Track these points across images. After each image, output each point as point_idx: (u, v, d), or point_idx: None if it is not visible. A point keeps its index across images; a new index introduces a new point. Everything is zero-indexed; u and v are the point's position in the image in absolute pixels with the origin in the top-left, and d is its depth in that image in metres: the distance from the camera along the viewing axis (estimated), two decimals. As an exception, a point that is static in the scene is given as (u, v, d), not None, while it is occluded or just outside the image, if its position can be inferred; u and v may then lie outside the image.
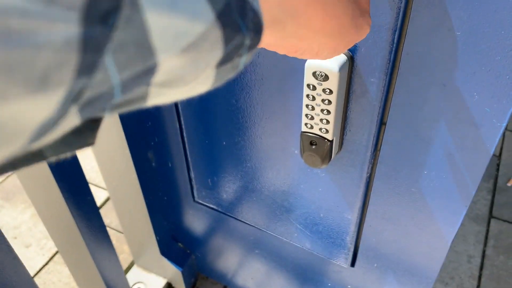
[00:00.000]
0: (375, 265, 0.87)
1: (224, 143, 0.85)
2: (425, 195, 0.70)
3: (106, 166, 1.01)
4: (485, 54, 0.51)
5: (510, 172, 1.70)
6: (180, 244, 1.23)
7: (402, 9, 0.53)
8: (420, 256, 0.79)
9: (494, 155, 1.81)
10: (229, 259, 1.16)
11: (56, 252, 1.42)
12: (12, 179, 1.68)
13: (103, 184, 1.64)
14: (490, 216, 1.53)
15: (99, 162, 1.01)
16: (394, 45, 0.56)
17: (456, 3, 0.49)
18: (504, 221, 1.51)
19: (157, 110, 0.89)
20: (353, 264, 0.90)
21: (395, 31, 0.55)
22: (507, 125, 2.01)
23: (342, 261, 0.90)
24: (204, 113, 0.82)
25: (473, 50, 0.52)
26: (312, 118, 0.64)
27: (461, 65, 0.54)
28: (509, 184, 1.65)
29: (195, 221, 1.11)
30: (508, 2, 0.47)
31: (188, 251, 1.24)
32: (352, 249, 0.87)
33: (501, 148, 1.83)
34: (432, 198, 0.69)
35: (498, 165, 1.74)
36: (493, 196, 1.61)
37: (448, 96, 0.57)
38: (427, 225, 0.73)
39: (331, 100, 0.61)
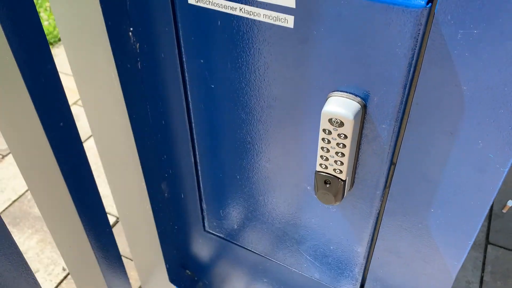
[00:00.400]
0: (382, 295, 0.90)
1: (238, 177, 0.89)
2: (431, 231, 0.74)
3: (120, 195, 1.04)
4: (490, 107, 0.56)
5: (504, 199, 1.75)
6: (188, 271, 1.26)
7: (413, 65, 0.58)
8: None
9: (489, 181, 1.86)
10: (236, 287, 1.19)
11: (64, 278, 1.44)
12: (19, 204, 1.70)
13: (109, 209, 1.67)
14: (487, 242, 1.58)
15: (113, 190, 1.04)
16: (405, 96, 0.61)
17: (464, 63, 0.54)
18: (500, 247, 1.56)
19: (173, 144, 0.93)
20: (360, 293, 0.94)
21: (406, 84, 0.60)
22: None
23: (349, 291, 0.93)
24: (220, 149, 0.86)
25: (478, 103, 0.57)
26: (326, 159, 0.69)
27: (467, 116, 0.58)
28: (504, 211, 1.70)
29: (205, 250, 1.14)
30: (510, 64, 0.52)
31: (196, 278, 1.26)
32: (359, 280, 0.90)
33: (496, 175, 1.88)
34: (438, 234, 0.74)
35: (493, 191, 1.79)
36: (489, 223, 1.65)
37: (454, 143, 0.62)
38: (433, 259, 0.77)
39: (346, 144, 0.65)
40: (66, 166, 0.73)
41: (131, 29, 0.76)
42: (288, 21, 0.61)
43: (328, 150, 0.67)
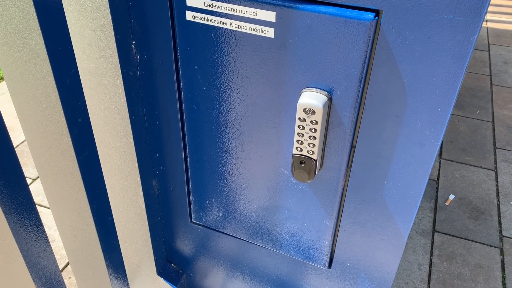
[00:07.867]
0: (348, 264, 1.07)
1: (225, 168, 1.04)
2: (386, 200, 0.92)
3: (115, 191, 1.16)
4: (424, 94, 0.75)
5: (446, 193, 1.98)
6: (173, 265, 1.37)
7: (366, 64, 0.76)
8: (383, 252, 1.00)
9: (433, 179, 2.10)
10: (219, 274, 1.32)
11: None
12: None
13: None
14: (434, 230, 1.80)
15: (109, 187, 1.15)
16: (361, 89, 0.79)
17: (403, 61, 0.73)
18: (445, 234, 1.78)
19: (165, 143, 1.06)
20: (330, 265, 1.10)
21: (361, 79, 0.78)
22: (442, 154, 2.32)
23: (321, 264, 1.09)
24: (209, 144, 1.01)
25: (416, 91, 0.75)
26: (301, 143, 0.85)
27: (408, 102, 0.77)
28: (447, 204, 1.93)
29: (190, 242, 1.27)
30: (440, 59, 0.71)
31: (181, 271, 1.38)
32: (329, 252, 1.06)
33: (438, 174, 2.12)
34: (391, 202, 0.91)
35: (437, 188, 2.03)
36: (435, 214, 1.88)
37: (399, 124, 0.80)
38: (388, 225, 0.95)
39: (317, 129, 0.82)
40: (81, 157, 0.85)
41: (134, 42, 0.91)
42: (270, 32, 0.78)
43: (302, 135, 0.84)
